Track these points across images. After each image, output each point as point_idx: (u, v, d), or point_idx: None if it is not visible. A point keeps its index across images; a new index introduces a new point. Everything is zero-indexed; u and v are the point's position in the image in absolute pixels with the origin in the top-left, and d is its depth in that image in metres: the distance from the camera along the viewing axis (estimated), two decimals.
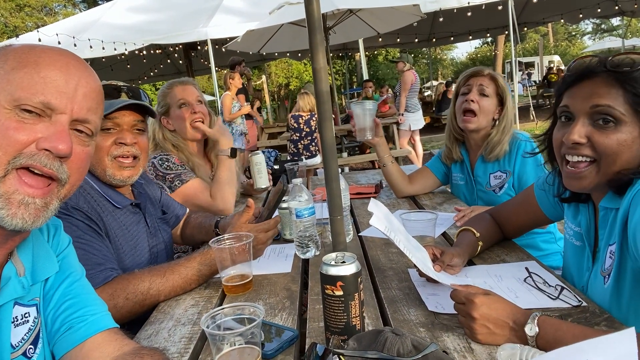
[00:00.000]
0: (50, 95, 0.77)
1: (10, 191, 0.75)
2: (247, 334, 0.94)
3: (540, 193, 1.45)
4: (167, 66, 13.53)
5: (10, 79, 0.76)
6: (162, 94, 2.29)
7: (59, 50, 0.83)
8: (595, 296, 1.16)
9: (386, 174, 2.32)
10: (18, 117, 0.75)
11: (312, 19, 1.36)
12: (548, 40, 33.34)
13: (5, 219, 0.75)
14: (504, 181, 2.03)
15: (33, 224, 0.78)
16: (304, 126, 6.23)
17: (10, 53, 0.78)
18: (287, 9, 6.16)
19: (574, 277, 1.30)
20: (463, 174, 2.23)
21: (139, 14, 10.84)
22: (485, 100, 2.02)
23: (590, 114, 1.06)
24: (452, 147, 2.22)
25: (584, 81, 1.08)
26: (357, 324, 0.98)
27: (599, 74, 1.05)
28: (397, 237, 1.27)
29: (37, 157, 0.76)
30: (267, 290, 1.38)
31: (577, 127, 1.07)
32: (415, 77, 7.46)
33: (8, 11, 26.24)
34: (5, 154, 0.74)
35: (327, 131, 1.42)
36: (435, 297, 1.22)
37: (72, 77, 0.80)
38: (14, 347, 0.83)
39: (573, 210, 1.31)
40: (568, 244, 1.34)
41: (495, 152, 2.02)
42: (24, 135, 0.76)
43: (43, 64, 0.78)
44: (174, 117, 2.24)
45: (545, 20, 14.14)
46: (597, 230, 1.20)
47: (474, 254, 1.45)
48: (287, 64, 27.64)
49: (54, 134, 0.77)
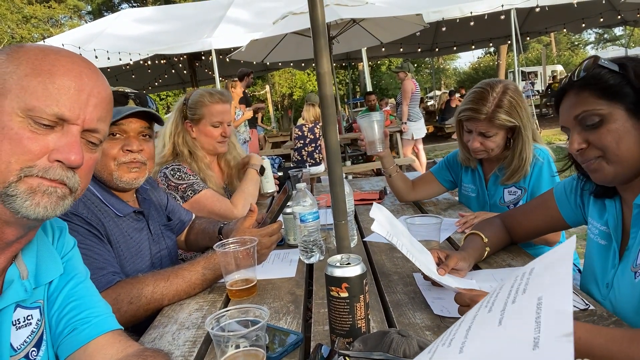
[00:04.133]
0: (63, 106, 0.78)
1: (33, 185, 0.77)
2: (251, 337, 0.93)
3: (561, 196, 1.45)
4: (172, 76, 13.66)
5: (24, 86, 0.76)
6: (199, 102, 2.25)
7: (72, 57, 0.83)
8: (622, 291, 1.17)
9: (391, 183, 2.29)
10: (31, 127, 0.76)
11: (316, 23, 1.37)
12: (551, 49, 33.44)
13: (29, 208, 0.76)
14: (518, 198, 1.95)
15: (54, 211, 0.79)
16: (307, 133, 6.24)
17: (23, 57, 0.78)
18: (291, 18, 6.22)
19: (597, 275, 1.30)
20: (475, 186, 2.14)
21: (144, 24, 10.97)
22: (491, 140, 1.86)
23: (577, 123, 1.16)
24: (470, 155, 2.04)
25: (565, 97, 1.20)
26: (363, 327, 0.97)
27: (572, 87, 1.17)
28: (400, 241, 1.26)
29: (51, 170, 0.78)
30: (271, 294, 1.37)
31: (574, 137, 1.17)
32: (415, 86, 7.48)
33: (15, 23, 26.59)
34: (17, 162, 0.75)
35: (331, 135, 1.42)
36: (441, 300, 1.21)
37: (85, 87, 0.81)
38: (16, 350, 0.83)
39: (599, 209, 1.32)
40: (593, 243, 1.34)
41: (515, 178, 1.89)
42: (37, 146, 0.76)
43: (57, 73, 0.78)
44: (203, 131, 2.25)
45: (547, 30, 14.20)
46: (625, 227, 1.21)
47: (480, 259, 1.44)
48: (291, 74, 27.79)
49: (66, 145, 0.78)
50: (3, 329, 0.81)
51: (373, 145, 2.04)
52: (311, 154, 6.29)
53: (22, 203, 0.76)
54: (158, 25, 10.88)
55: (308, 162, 6.23)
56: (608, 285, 1.23)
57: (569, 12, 10.27)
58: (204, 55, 10.40)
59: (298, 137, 6.29)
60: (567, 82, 1.18)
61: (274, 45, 6.94)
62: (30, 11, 28.25)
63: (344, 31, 6.71)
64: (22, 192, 0.76)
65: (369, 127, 2.03)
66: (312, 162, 6.27)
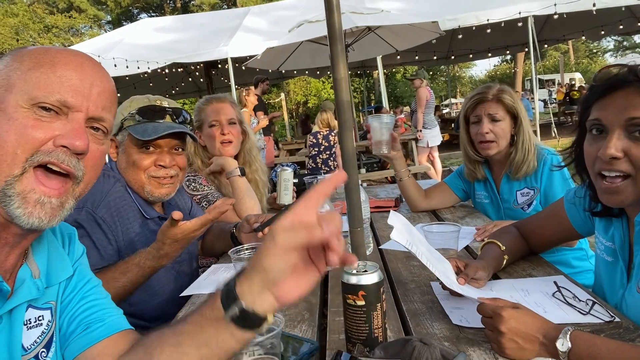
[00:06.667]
0: (66, 93, 0.79)
1: (26, 190, 0.76)
2: (266, 344, 0.92)
3: (570, 206, 1.39)
4: (188, 84, 13.83)
5: (27, 79, 0.77)
6: (198, 109, 2.31)
7: (73, 51, 0.85)
8: (631, 313, 1.11)
9: (402, 188, 2.29)
10: (35, 115, 0.77)
11: (333, 29, 1.36)
12: (569, 57, 33.06)
13: (22, 217, 0.76)
14: (532, 198, 1.97)
15: (49, 222, 0.78)
16: (322, 141, 6.25)
17: (26, 54, 0.80)
18: (307, 27, 6.24)
19: (607, 293, 1.25)
20: (487, 193, 2.17)
21: (162, 33, 11.15)
22: (498, 126, 1.98)
23: (625, 127, 1.02)
24: (474, 167, 2.15)
25: (616, 92, 1.03)
26: (380, 336, 0.95)
27: (632, 84, 1.01)
28: (419, 250, 1.24)
29: (54, 153, 0.77)
30: None
31: (613, 141, 1.02)
32: (430, 94, 7.46)
33: (37, 32, 27.27)
34: (23, 152, 0.75)
35: (347, 141, 1.41)
36: (460, 310, 1.18)
37: (87, 76, 0.82)
38: (26, 350, 0.83)
39: (605, 225, 1.26)
40: (599, 259, 1.29)
41: (522, 172, 1.96)
42: (42, 133, 0.77)
43: (59, 64, 0.80)
44: (205, 135, 2.26)
45: (566, 38, 14.04)
46: (631, 245, 1.15)
47: (499, 268, 1.41)
48: (306, 81, 27.93)
49: (71, 131, 0.79)
50: (15, 327, 0.81)
51: (379, 145, 2.08)
52: (325, 162, 6.28)
53: (15, 209, 0.75)
54: (176, 34, 11.05)
55: (323, 170, 6.22)
56: (617, 307, 1.17)
57: (588, 19, 10.13)
58: (220, 63, 10.50)
59: (313, 145, 6.30)
60: (629, 74, 1.01)
61: (289, 53, 6.96)
62: (52, 21, 28.96)
63: (359, 39, 6.71)
64: (16, 195, 0.75)
65: (378, 128, 2.07)
66: (327, 170, 6.26)
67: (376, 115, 2.14)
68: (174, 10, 32.24)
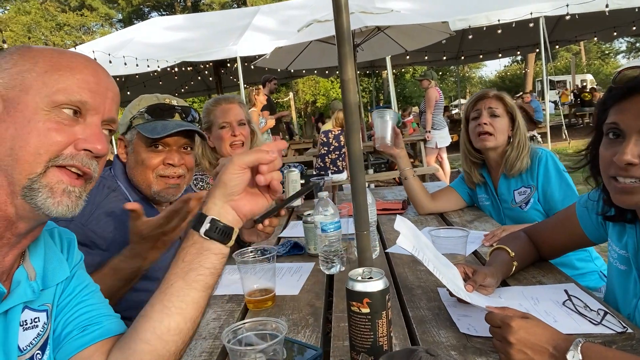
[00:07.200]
0: (86, 95, 0.82)
1: (53, 182, 0.79)
2: (269, 351, 0.90)
3: (583, 210, 1.36)
4: (198, 83, 13.88)
5: (45, 82, 0.79)
6: (207, 110, 2.30)
7: (85, 57, 0.88)
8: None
9: (407, 187, 2.29)
10: (58, 117, 0.79)
11: (341, 30, 1.34)
12: (580, 58, 32.70)
13: (50, 207, 0.79)
14: (529, 196, 2.00)
15: (74, 210, 0.82)
16: (332, 140, 6.21)
17: (38, 55, 0.81)
18: (315, 26, 6.23)
19: (619, 303, 1.21)
20: (488, 195, 2.20)
21: (172, 32, 11.20)
22: (497, 121, 2.03)
23: None
24: (471, 171, 2.20)
25: (635, 96, 1.00)
26: (384, 344, 0.93)
27: None
28: (426, 257, 1.21)
29: (77, 157, 0.81)
30: (290, 306, 1.34)
31: (630, 147, 0.98)
32: (439, 94, 7.40)
33: (48, 30, 27.53)
34: (46, 153, 0.78)
35: (354, 143, 1.39)
36: (467, 318, 1.15)
37: (102, 81, 0.86)
38: (22, 351, 0.83)
39: (618, 232, 1.22)
40: (612, 267, 1.25)
41: (516, 168, 2.00)
42: (64, 137, 0.79)
43: (77, 68, 0.82)
44: (215, 136, 2.25)
45: (577, 39, 13.89)
46: None
47: (508, 275, 1.38)
48: (314, 81, 27.91)
49: (92, 135, 0.82)
50: (11, 328, 0.81)
51: (382, 141, 2.11)
52: (334, 162, 6.25)
53: (44, 200, 0.78)
54: (185, 33, 11.09)
55: (330, 170, 6.19)
56: (630, 317, 1.14)
57: (600, 21, 10.00)
58: (229, 62, 10.53)
59: (323, 144, 6.26)
60: None
61: (298, 52, 6.95)
62: (64, 19, 29.23)
63: (368, 39, 6.68)
64: (43, 187, 0.78)
65: (381, 123, 2.10)
66: (335, 170, 6.23)
67: (379, 110, 2.16)
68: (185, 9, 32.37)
